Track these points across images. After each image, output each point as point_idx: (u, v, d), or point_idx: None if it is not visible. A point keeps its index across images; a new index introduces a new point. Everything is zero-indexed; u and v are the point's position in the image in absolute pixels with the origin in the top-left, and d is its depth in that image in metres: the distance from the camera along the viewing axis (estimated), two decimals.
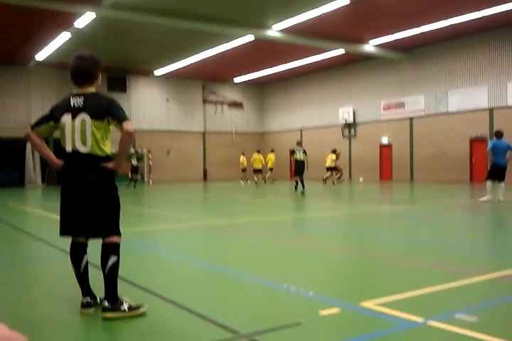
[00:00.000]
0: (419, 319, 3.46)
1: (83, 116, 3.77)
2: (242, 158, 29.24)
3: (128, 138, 3.78)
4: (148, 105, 34.25)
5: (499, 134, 13.41)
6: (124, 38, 24.11)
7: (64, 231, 3.93)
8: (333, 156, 25.99)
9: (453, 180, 25.76)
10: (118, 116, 3.76)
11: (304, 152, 18.02)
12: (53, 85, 30.48)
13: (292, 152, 18.67)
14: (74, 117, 3.79)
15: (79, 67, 3.86)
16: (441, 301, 3.99)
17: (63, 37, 22.98)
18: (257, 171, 26.50)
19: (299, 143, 18.68)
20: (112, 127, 3.84)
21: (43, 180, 30.46)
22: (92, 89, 3.90)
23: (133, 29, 22.82)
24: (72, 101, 3.83)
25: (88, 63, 3.88)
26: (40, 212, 13.30)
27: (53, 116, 3.92)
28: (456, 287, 4.39)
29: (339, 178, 26.96)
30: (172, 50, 26.90)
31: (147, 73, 33.25)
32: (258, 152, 27.54)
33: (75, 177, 3.81)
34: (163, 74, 33.39)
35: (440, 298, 4.09)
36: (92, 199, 3.78)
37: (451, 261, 5.58)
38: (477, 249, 6.59)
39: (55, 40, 23.63)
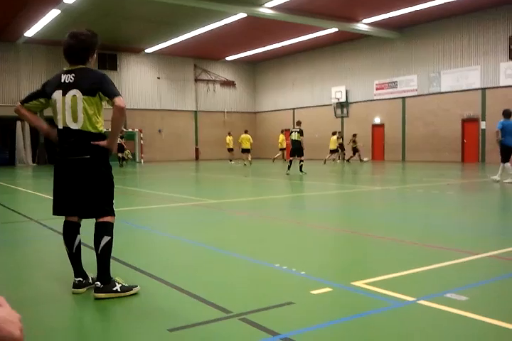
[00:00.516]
0: (409, 298, 3.50)
1: (74, 92, 3.69)
2: (229, 138, 29.22)
3: (120, 114, 3.70)
4: (139, 83, 33.93)
5: (508, 114, 13.13)
6: (115, 14, 23.74)
7: (57, 211, 3.90)
8: (334, 138, 26.81)
9: (444, 160, 25.87)
10: (109, 92, 3.68)
11: (300, 132, 17.62)
12: (43, 62, 30.07)
13: (290, 132, 18.36)
14: (65, 93, 3.72)
15: (70, 47, 3.78)
16: (432, 281, 4.04)
17: (53, 13, 22.59)
18: (244, 151, 26.61)
19: (298, 123, 18.29)
20: (105, 103, 3.77)
21: (33, 160, 30.28)
22: (83, 66, 3.81)
23: (123, 5, 22.45)
24: (63, 78, 3.76)
25: (80, 43, 3.77)
26: (31, 191, 13.24)
27: (45, 93, 3.85)
28: (447, 267, 4.43)
29: (339, 158, 27.85)
30: (163, 28, 26.54)
31: (138, 51, 32.85)
32: (246, 132, 27.45)
33: (68, 156, 3.75)
34: (155, 52, 32.99)
35: (431, 278, 4.13)
36: (85, 178, 3.73)
37: (442, 241, 5.63)
38: (469, 229, 6.64)
39: (44, 17, 23.23)
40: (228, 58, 36.01)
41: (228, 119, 37.29)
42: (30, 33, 26.24)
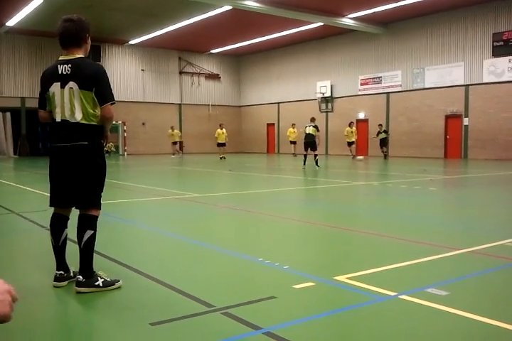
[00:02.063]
0: (391, 293, 3.53)
1: (71, 85, 3.63)
2: (171, 132, 28.75)
3: (107, 121, 3.73)
4: (123, 75, 33.61)
5: None
6: (99, 5, 23.45)
7: (54, 203, 3.85)
8: (350, 129, 25.51)
9: (428, 156, 26.08)
10: (101, 97, 3.65)
11: (315, 127, 18.20)
12: (25, 52, 29.66)
13: (305, 127, 18.84)
14: (63, 86, 3.65)
15: (67, 29, 3.68)
16: (413, 276, 4.07)
17: (35, 3, 22.24)
18: (220, 145, 26.33)
19: (313, 120, 18.77)
20: None
21: (15, 152, 29.91)
22: (79, 54, 3.73)
23: None
24: (60, 69, 3.67)
25: (77, 25, 3.70)
26: (12, 183, 13.07)
27: (45, 88, 3.78)
28: (428, 262, 4.47)
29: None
30: (148, 19, 26.30)
31: (122, 42, 32.51)
32: (221, 127, 26.78)
33: (65, 142, 3.68)
34: (139, 43, 32.66)
35: (412, 273, 4.17)
36: (80, 165, 3.67)
37: (424, 237, 5.68)
38: (451, 224, 6.71)
39: (27, 6, 22.86)
40: (213, 51, 35.83)
41: (213, 113, 37.15)
42: (11, 22, 25.80)
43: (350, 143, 25.79)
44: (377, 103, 28.77)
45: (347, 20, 26.01)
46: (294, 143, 28.51)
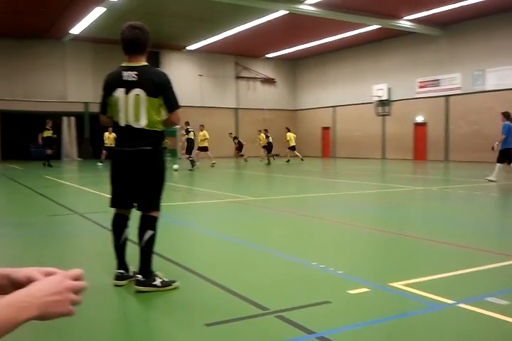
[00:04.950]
0: (449, 301, 3.45)
1: (138, 92, 3.72)
2: (110, 135, 23.16)
3: (172, 125, 3.90)
4: (181, 81, 34.19)
5: (509, 116, 13.46)
6: (157, 12, 24.05)
7: (115, 203, 3.98)
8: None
9: (488, 160, 25.18)
10: (170, 103, 3.79)
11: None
12: (88, 59, 30.75)
13: (187, 132, 20.58)
14: (128, 92, 3.74)
15: (137, 37, 3.78)
16: (473, 284, 3.96)
17: (98, 11, 23.05)
18: (201, 149, 23.17)
19: (188, 123, 20.76)
20: None
21: (78, 155, 31.04)
22: (143, 62, 3.84)
23: (166, 3, 22.73)
24: (125, 75, 3.76)
25: (145, 33, 3.82)
26: (75, 185, 13.58)
27: (108, 93, 3.86)
28: (488, 270, 4.34)
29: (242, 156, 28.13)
30: (205, 25, 26.72)
31: (180, 48, 33.17)
32: (201, 129, 23.10)
33: (130, 147, 3.78)
34: (196, 49, 33.22)
35: (471, 281, 4.06)
36: (144, 169, 3.78)
37: (484, 244, 5.51)
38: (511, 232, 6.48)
39: (89, 15, 23.73)
40: (269, 55, 35.98)
41: (269, 117, 37.28)
42: (76, 30, 26.80)
43: (291, 148, 26.39)
44: (436, 106, 28.04)
45: (404, 23, 25.53)
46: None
